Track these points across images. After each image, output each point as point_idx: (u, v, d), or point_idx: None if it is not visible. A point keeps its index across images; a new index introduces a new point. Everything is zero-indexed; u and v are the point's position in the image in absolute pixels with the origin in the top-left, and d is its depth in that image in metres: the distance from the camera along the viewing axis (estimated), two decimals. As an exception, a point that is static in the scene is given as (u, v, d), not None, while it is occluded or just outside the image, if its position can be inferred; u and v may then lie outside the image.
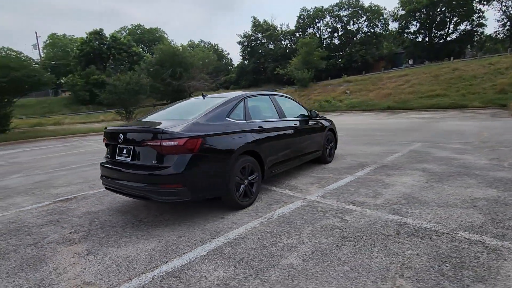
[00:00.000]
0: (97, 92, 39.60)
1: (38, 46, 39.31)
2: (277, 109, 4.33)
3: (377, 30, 42.27)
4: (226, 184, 3.16)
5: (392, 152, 6.24)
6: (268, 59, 51.98)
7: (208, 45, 65.03)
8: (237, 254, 2.41)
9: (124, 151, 3.21)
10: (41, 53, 44.77)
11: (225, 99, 3.67)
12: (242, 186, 3.38)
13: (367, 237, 2.56)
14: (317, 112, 5.23)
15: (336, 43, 44.57)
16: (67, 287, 2.09)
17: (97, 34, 43.34)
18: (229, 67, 64.11)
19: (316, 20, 45.27)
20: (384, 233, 2.61)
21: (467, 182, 3.89)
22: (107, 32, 44.85)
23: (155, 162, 2.89)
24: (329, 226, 2.84)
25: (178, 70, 31.28)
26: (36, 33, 38.19)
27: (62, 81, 41.42)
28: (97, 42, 43.16)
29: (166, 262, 2.35)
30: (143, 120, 3.99)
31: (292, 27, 49.76)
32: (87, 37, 42.96)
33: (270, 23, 53.65)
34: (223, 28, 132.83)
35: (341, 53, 42.47)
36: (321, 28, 45.55)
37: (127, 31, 55.88)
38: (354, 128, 11.34)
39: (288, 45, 51.12)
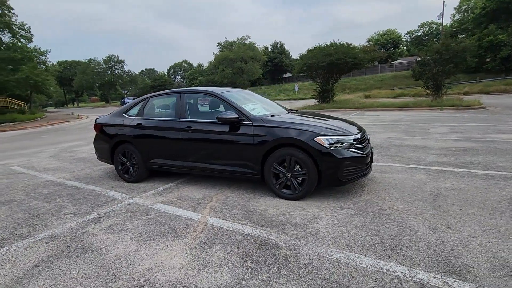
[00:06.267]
0: (487, 57, 33.34)
1: (442, 15, 39.77)
2: (176, 110, 4.05)
3: None
4: (111, 158, 4.56)
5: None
6: None
7: None
8: None
9: None
10: (446, 22, 44.77)
11: (139, 98, 4.58)
12: (125, 166, 4.43)
13: None
14: (248, 115, 3.48)
15: None
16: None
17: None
18: None
19: None
20: None
21: None
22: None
23: None
24: None
25: None
26: (443, 2, 38.49)
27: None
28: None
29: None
30: None
31: None
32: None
33: None
34: None
35: None
36: None
37: None
38: None
39: None
